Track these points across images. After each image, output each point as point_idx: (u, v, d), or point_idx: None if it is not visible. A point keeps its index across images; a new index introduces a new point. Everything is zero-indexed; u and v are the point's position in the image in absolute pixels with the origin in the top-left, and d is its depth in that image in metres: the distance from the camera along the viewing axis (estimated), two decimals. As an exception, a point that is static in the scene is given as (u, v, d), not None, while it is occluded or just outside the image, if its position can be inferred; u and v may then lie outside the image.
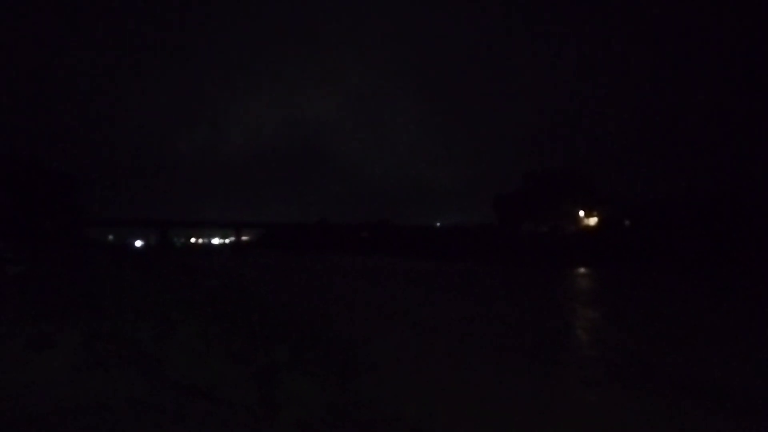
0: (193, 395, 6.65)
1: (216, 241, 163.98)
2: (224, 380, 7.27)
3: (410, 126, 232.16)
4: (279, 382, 7.37)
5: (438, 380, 9.49)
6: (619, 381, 9.54)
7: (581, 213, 67.84)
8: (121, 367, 7.24)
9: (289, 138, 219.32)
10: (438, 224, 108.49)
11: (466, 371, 10.23)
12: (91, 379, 6.88)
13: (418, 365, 10.60)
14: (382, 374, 9.38)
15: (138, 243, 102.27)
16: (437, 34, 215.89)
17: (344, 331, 12.37)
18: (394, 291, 27.29)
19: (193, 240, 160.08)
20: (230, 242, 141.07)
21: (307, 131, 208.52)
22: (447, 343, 13.10)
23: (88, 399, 6.37)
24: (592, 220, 66.86)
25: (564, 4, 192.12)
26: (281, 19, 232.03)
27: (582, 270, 41.68)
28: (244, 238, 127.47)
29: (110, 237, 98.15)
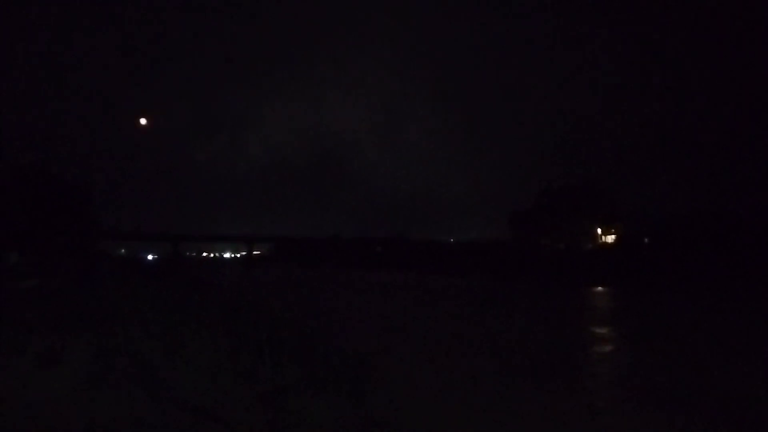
0: (199, 416, 6.45)
1: (227, 255, 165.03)
2: (231, 400, 7.06)
3: (426, 140, 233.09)
4: (287, 403, 7.14)
5: (451, 400, 9.24)
6: (636, 407, 9.13)
7: (599, 230, 66.74)
8: (127, 385, 7.08)
9: (304, 151, 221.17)
10: (451, 240, 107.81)
11: (479, 392, 9.91)
12: (98, 398, 6.72)
13: (431, 384, 10.31)
14: (395, 394, 9.09)
15: (150, 257, 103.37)
16: (456, 48, 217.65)
17: (356, 349, 12.10)
18: (407, 307, 26.92)
19: (204, 254, 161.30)
20: (241, 256, 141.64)
21: (323, 144, 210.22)
22: (459, 363, 12.77)
23: (94, 419, 6.20)
24: (610, 238, 65.70)
25: (583, 18, 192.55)
26: (302, 32, 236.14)
27: (600, 289, 40.77)
28: (255, 252, 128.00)
29: (122, 251, 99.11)
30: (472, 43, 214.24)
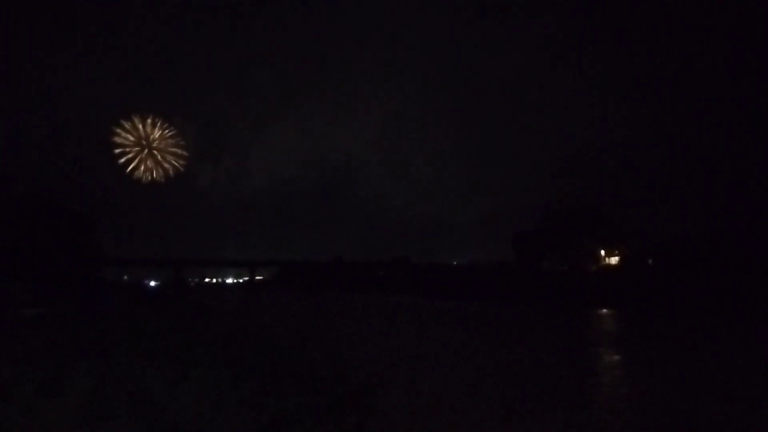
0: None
1: (230, 280, 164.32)
2: (234, 430, 6.98)
3: (429, 164, 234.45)
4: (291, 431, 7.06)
5: (453, 427, 9.10)
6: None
7: (602, 251, 66.47)
8: (130, 415, 7.00)
9: (307, 175, 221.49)
10: (455, 263, 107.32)
11: (483, 421, 9.76)
12: (101, 429, 6.64)
13: (435, 413, 10.16)
14: (399, 423, 8.98)
15: (152, 283, 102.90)
16: (458, 71, 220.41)
17: (358, 376, 11.98)
18: (409, 334, 26.68)
19: (207, 279, 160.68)
20: (244, 281, 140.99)
21: (326, 169, 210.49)
22: (462, 390, 12.60)
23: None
24: (614, 259, 65.40)
25: (585, 41, 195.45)
26: (307, 56, 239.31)
27: (604, 311, 40.38)
28: (258, 277, 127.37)
29: (125, 277, 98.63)
30: (476, 67, 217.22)
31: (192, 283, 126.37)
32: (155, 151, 64.01)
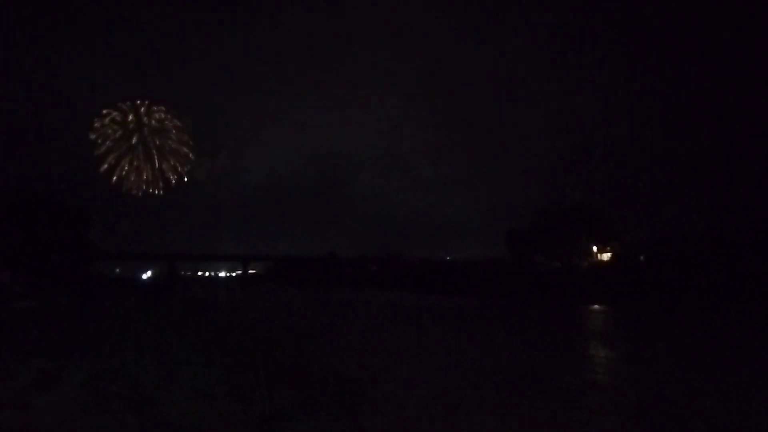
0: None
1: (222, 273, 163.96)
2: (227, 424, 7.01)
3: (424, 161, 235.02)
4: (283, 427, 7.09)
5: (447, 424, 9.15)
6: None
7: (594, 248, 66.94)
8: (123, 409, 7.02)
9: (302, 171, 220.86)
10: (447, 258, 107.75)
11: (473, 417, 9.83)
12: (93, 423, 6.66)
13: (426, 408, 10.24)
14: (392, 418, 9.04)
15: (145, 276, 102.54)
16: (454, 68, 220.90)
17: (352, 372, 12.03)
18: (403, 328, 26.78)
19: (200, 273, 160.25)
20: (237, 275, 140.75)
21: (321, 164, 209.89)
22: (455, 387, 12.67)
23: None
24: (606, 256, 65.89)
25: (581, 41, 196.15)
26: (304, 53, 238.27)
27: (596, 307, 40.68)
28: (251, 271, 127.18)
29: (117, 270, 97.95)
30: (471, 65, 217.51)
31: (185, 277, 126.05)
32: (153, 151, 58.18)
